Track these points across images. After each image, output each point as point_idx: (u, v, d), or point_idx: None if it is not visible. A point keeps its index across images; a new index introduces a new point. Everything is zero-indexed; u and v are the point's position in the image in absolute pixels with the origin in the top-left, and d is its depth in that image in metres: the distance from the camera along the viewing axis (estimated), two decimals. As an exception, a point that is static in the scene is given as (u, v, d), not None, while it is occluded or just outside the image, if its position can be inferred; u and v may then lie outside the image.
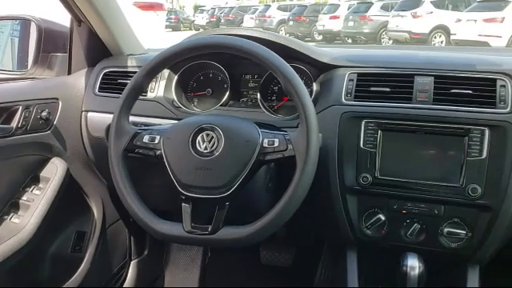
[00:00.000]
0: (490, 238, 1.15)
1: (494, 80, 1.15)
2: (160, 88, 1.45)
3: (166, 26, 17.84)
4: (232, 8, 24.82)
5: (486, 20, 10.37)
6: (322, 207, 1.28)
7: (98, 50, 1.60)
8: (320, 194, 1.22)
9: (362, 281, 1.31)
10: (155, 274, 1.96)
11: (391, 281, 1.21)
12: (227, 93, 1.42)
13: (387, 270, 1.22)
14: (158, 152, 1.09)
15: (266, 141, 1.05)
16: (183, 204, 1.06)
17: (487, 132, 1.11)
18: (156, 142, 1.10)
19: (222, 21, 22.38)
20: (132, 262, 1.89)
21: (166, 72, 1.46)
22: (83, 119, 1.54)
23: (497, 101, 1.13)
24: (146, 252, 1.92)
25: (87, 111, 1.53)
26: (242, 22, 20.26)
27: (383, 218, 1.21)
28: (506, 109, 1.12)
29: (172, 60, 1.12)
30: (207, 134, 1.07)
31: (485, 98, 1.14)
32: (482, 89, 1.15)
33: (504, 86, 1.14)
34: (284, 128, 1.14)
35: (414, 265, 1.13)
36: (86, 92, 1.56)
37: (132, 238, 1.87)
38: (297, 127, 1.05)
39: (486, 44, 9.42)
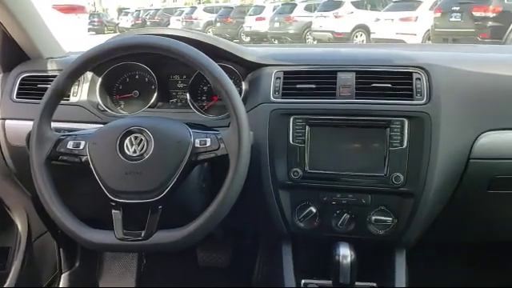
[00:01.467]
0: (413, 223, 1.22)
1: (411, 73, 1.22)
2: (83, 91, 1.39)
3: (89, 30, 17.19)
4: (157, 10, 24.41)
5: (402, 19, 11.02)
6: (257, 204, 1.30)
7: (14, 54, 1.50)
8: (254, 191, 1.24)
9: (297, 274, 1.34)
10: (88, 286, 1.88)
11: (326, 271, 1.24)
12: (155, 94, 1.39)
13: (321, 261, 1.26)
14: (84, 158, 1.05)
15: (197, 141, 1.05)
16: (113, 211, 1.03)
17: (406, 123, 1.18)
18: (81, 147, 1.06)
19: (148, 23, 21.94)
20: (63, 275, 1.80)
21: (89, 74, 1.40)
22: (0, 128, 1.44)
23: (414, 93, 1.20)
24: (77, 264, 1.84)
25: (4, 119, 1.44)
26: (169, 24, 20.00)
27: (314, 210, 1.25)
28: (422, 100, 1.19)
29: (95, 61, 1.08)
30: (135, 137, 1.04)
31: (403, 90, 1.21)
32: (400, 82, 1.22)
33: (419, 79, 1.21)
34: (215, 127, 1.14)
35: (345, 253, 1.17)
36: (2, 99, 1.46)
37: (61, 250, 1.79)
38: (228, 126, 1.05)
39: (402, 42, 9.98)
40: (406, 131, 1.18)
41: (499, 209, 1.37)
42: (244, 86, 1.32)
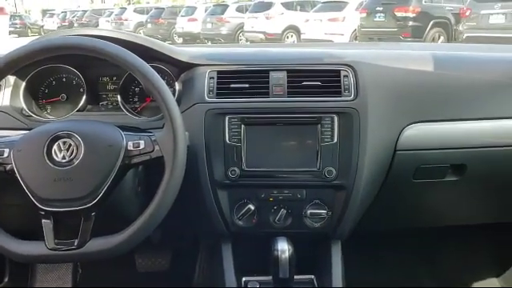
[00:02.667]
0: (346, 215, 1.26)
1: (338, 71, 1.27)
2: (5, 96, 1.31)
3: (11, 32, 16.23)
4: (85, 11, 23.52)
5: (330, 19, 11.39)
6: (195, 204, 1.29)
7: None
8: (191, 192, 1.23)
9: (238, 272, 1.35)
10: None
11: (266, 267, 1.26)
12: (84, 97, 1.34)
13: (262, 258, 1.28)
14: (9, 167, 1.00)
15: (130, 143, 1.02)
16: (43, 220, 0.98)
17: (336, 119, 1.22)
18: (5, 155, 1.00)
19: (76, 25, 21.05)
20: (-10, 293, 1.69)
21: (11, 78, 1.33)
22: None
23: (342, 90, 1.24)
24: (6, 279, 1.73)
25: None
26: (98, 25, 19.32)
27: (253, 207, 1.26)
28: (350, 96, 1.24)
29: (18, 64, 1.02)
30: (64, 142, 1.00)
31: (332, 88, 1.25)
32: (329, 80, 1.26)
33: (347, 76, 1.26)
34: (149, 129, 1.12)
35: (283, 248, 1.19)
36: None
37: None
38: (162, 128, 1.04)
39: (331, 42, 10.33)
40: (336, 127, 1.22)
41: (424, 196, 1.46)
42: (177, 86, 1.31)
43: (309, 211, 1.26)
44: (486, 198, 1.54)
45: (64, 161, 0.99)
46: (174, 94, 1.24)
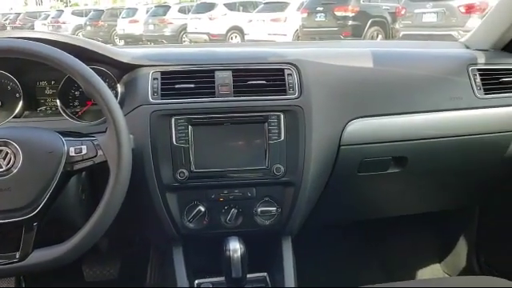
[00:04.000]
0: (295, 211, 1.28)
1: (282, 70, 1.29)
2: None
3: None
4: (19, 14, 22.40)
5: (273, 20, 11.55)
6: (143, 209, 1.26)
7: None
8: (139, 196, 1.20)
9: (191, 275, 1.33)
10: None
11: (219, 267, 1.26)
12: (20, 103, 1.28)
13: (214, 259, 1.27)
14: None
15: (72, 149, 0.99)
16: None
17: (282, 117, 1.24)
18: None
19: (9, 28, 20.00)
20: None
21: None
22: None
23: (287, 88, 1.26)
24: None
25: None
26: (33, 29, 18.46)
27: (203, 209, 1.25)
28: (294, 94, 1.26)
29: None
30: (0, 151, 0.95)
31: (277, 86, 1.26)
32: (274, 78, 1.27)
33: (291, 75, 1.28)
34: (92, 134, 1.09)
35: (235, 247, 1.19)
36: None
37: None
38: (106, 131, 1.01)
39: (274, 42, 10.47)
40: (282, 125, 1.23)
41: (369, 189, 1.51)
42: (120, 88, 1.28)
43: (259, 209, 1.27)
44: (427, 188, 1.61)
45: (1, 170, 0.94)
46: (116, 97, 1.22)
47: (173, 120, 1.21)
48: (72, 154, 0.98)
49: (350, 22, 10.34)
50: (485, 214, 1.80)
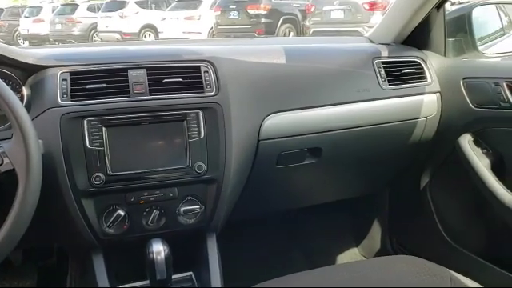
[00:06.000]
0: (218, 207, 1.29)
1: (199, 67, 1.28)
2: None
3: None
4: None
5: (187, 18, 11.45)
6: (58, 217, 1.20)
7: None
8: (53, 204, 1.14)
9: (113, 281, 1.29)
10: None
11: (143, 271, 1.23)
12: None
13: (138, 263, 1.24)
14: None
15: None
16: None
17: (201, 114, 1.23)
18: None
19: None
20: None
21: None
22: None
23: (204, 85, 1.26)
24: None
25: None
26: None
27: (123, 213, 1.21)
28: (212, 92, 1.26)
29: None
30: None
31: (194, 84, 1.26)
32: (190, 76, 1.26)
33: (207, 72, 1.28)
34: None
35: (159, 249, 1.16)
36: None
37: None
38: (12, 138, 0.95)
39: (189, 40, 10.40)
40: (201, 122, 1.23)
41: (288, 180, 1.56)
42: (25, 91, 1.20)
43: (182, 209, 1.25)
44: (342, 176, 1.70)
45: None
46: (22, 100, 1.14)
47: (85, 122, 1.16)
48: None
49: (263, 20, 10.54)
50: (394, 197, 1.93)
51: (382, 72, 1.52)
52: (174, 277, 1.24)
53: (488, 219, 1.55)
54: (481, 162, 1.45)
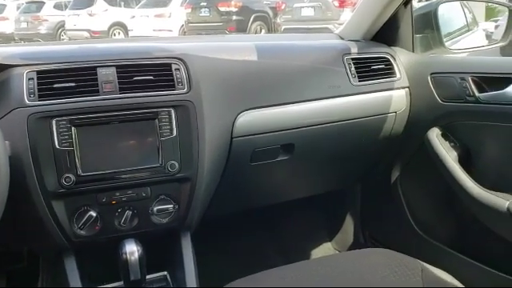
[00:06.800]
0: (192, 206, 1.28)
1: (170, 64, 1.27)
2: None
3: None
4: None
5: (157, 15, 11.33)
6: (28, 220, 1.17)
7: None
8: (22, 207, 1.11)
9: (86, 283, 1.26)
10: None
11: (116, 272, 1.21)
12: None
13: (112, 264, 1.22)
14: None
15: None
16: None
17: (173, 112, 1.22)
18: None
19: None
20: None
21: None
22: None
23: (175, 83, 1.25)
24: None
25: None
26: None
27: (94, 214, 1.19)
28: (183, 89, 1.25)
29: None
30: None
31: (165, 81, 1.24)
32: (161, 73, 1.25)
33: (178, 69, 1.27)
34: None
35: (132, 250, 1.15)
36: None
37: None
38: None
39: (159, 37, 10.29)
40: (173, 120, 1.22)
41: (262, 177, 1.57)
42: None
43: (155, 208, 1.24)
44: (315, 172, 1.72)
45: None
46: None
47: (53, 122, 1.13)
48: None
49: (234, 17, 10.52)
50: (366, 191, 1.97)
51: (352, 68, 1.54)
52: (148, 277, 1.23)
53: (457, 211, 1.59)
54: (449, 155, 1.49)
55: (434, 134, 1.54)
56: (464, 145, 1.52)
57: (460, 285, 1.04)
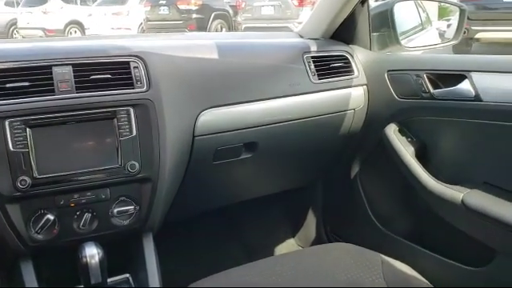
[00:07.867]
0: (154, 207, 1.26)
1: (128, 63, 1.24)
2: None
3: None
4: None
5: (115, 14, 11.10)
6: None
7: None
8: None
9: None
10: None
11: (76, 276, 1.18)
12: None
13: (72, 268, 1.19)
14: None
15: None
16: None
17: (132, 111, 1.20)
18: None
19: None
20: None
21: None
22: None
23: (134, 81, 1.22)
24: None
25: None
26: None
27: (52, 217, 1.15)
28: (143, 88, 1.22)
29: None
30: None
31: (123, 80, 1.22)
32: (119, 72, 1.22)
33: (137, 68, 1.24)
34: None
35: (92, 253, 1.12)
36: None
37: None
38: None
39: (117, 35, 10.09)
40: (133, 119, 1.20)
41: (225, 176, 1.57)
42: None
43: (115, 210, 1.21)
44: (278, 170, 1.73)
45: None
46: None
47: (6, 123, 1.09)
48: None
49: (194, 15, 10.44)
50: (327, 187, 2.00)
51: (312, 66, 1.56)
52: (109, 280, 1.20)
53: (414, 204, 1.64)
54: (406, 150, 1.53)
55: (392, 130, 1.59)
56: (420, 140, 1.57)
57: (419, 276, 1.07)
